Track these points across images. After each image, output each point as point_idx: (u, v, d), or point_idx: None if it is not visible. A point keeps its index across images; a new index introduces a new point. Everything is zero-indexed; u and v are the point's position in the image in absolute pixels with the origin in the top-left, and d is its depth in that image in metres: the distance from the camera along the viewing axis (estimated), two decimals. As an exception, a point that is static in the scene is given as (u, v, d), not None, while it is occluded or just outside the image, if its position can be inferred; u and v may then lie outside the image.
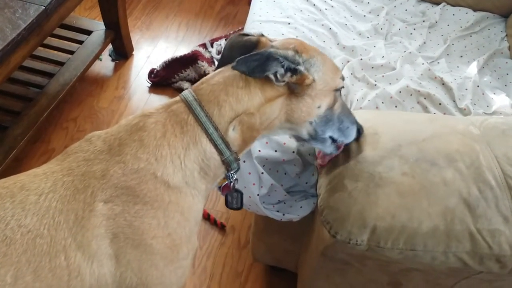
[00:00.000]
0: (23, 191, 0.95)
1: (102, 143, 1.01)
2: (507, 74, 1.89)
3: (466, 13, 2.14)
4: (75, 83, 2.33)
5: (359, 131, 1.21)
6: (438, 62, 1.89)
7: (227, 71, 1.06)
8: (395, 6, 2.15)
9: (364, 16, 2.08)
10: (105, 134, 1.03)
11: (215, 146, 1.03)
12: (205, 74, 2.57)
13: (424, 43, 1.98)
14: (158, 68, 2.65)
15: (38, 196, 0.95)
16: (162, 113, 1.03)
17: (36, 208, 0.94)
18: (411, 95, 1.66)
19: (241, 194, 1.21)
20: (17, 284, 0.90)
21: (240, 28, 2.94)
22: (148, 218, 0.98)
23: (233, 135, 1.05)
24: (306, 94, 1.06)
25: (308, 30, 1.87)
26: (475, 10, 2.16)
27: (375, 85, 1.68)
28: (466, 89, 1.76)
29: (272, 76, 1.01)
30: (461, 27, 2.07)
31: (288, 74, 1.02)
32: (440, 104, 1.66)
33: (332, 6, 2.06)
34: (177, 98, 1.06)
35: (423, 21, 2.08)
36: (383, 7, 2.11)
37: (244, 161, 1.42)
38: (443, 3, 2.19)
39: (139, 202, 0.97)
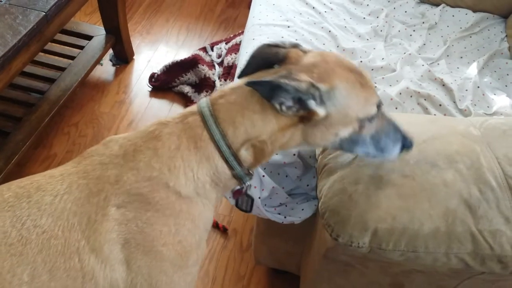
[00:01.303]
0: (39, 191, 0.97)
1: (118, 148, 1.02)
2: (508, 74, 1.89)
3: (466, 14, 2.14)
4: (76, 88, 2.34)
5: (406, 145, 1.12)
6: (438, 63, 1.89)
7: (246, 89, 1.02)
8: (394, 8, 2.15)
9: (364, 18, 2.08)
10: (122, 139, 1.04)
11: (227, 162, 1.03)
12: (205, 77, 2.58)
13: (424, 44, 1.98)
14: (159, 72, 2.66)
15: (53, 197, 0.96)
16: (178, 124, 1.02)
17: (52, 209, 0.95)
18: (411, 96, 1.66)
19: (252, 199, 1.22)
20: (33, 283, 0.93)
21: (240, 31, 2.94)
22: (159, 225, 0.99)
23: (245, 155, 1.04)
24: (320, 123, 1.02)
25: (307, 33, 1.88)
26: (474, 11, 2.15)
27: (375, 87, 1.68)
28: (467, 90, 1.76)
29: (277, 106, 0.98)
30: (461, 28, 2.07)
31: (296, 107, 0.98)
32: (440, 105, 1.66)
33: (331, 9, 2.06)
34: (194, 107, 1.05)
35: (423, 22, 2.08)
36: (382, 9, 2.12)
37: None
38: (443, 4, 2.18)
39: (150, 209, 0.98)
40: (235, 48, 2.69)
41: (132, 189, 0.98)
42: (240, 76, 1.10)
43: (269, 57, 1.06)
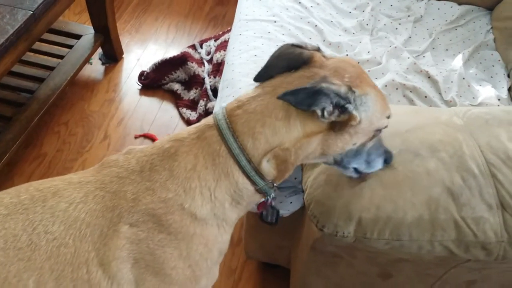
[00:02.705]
0: (55, 197, 0.96)
1: (135, 163, 1.00)
2: (493, 65, 1.91)
3: (451, 7, 2.15)
4: (65, 87, 2.34)
5: (387, 160, 1.13)
6: (424, 56, 1.91)
7: (267, 96, 0.97)
8: (380, 2, 2.17)
9: (350, 12, 2.09)
10: (140, 152, 1.02)
11: (248, 177, 0.99)
12: (194, 75, 2.58)
13: (410, 37, 2.00)
14: (148, 70, 2.66)
15: (68, 205, 0.95)
16: (195, 141, 0.99)
17: (65, 216, 0.94)
18: (397, 89, 1.68)
19: (278, 211, 1.16)
20: None
21: (229, 28, 2.95)
22: (171, 248, 0.97)
23: (267, 167, 0.99)
24: (346, 131, 0.99)
25: (294, 28, 1.89)
26: (459, 4, 2.17)
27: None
28: (452, 82, 1.78)
29: (319, 112, 0.92)
30: (446, 20, 2.09)
31: (336, 112, 0.93)
32: (426, 97, 1.68)
33: (317, 4, 2.07)
34: (211, 119, 1.01)
35: (408, 16, 2.09)
36: (368, 3, 2.13)
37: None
38: (428, -3, 2.21)
39: (163, 231, 0.96)
40: (224, 45, 2.69)
41: (147, 209, 0.96)
42: (257, 79, 1.03)
43: (293, 57, 1.01)
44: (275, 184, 1.04)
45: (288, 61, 1.01)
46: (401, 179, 1.13)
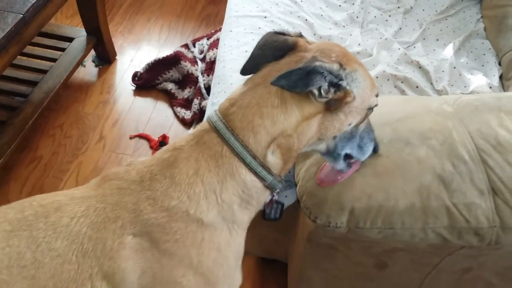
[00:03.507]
0: (58, 212, 0.95)
1: (136, 173, 0.98)
2: (484, 54, 1.91)
3: (441, -3, 2.16)
4: (59, 90, 2.34)
5: (375, 149, 1.13)
6: (415, 47, 1.91)
7: (259, 87, 0.96)
8: (370, -6, 2.17)
9: (340, 6, 2.10)
10: (140, 164, 1.01)
11: (256, 174, 0.96)
12: (188, 74, 2.59)
13: (400, 29, 2.00)
14: (142, 71, 2.66)
15: (70, 219, 0.94)
16: (194, 147, 0.97)
17: (67, 231, 0.93)
18: (388, 80, 1.68)
19: (282, 204, 1.14)
20: None
21: (221, 27, 2.95)
22: (179, 256, 0.95)
23: (273, 159, 0.97)
24: (342, 111, 0.98)
25: (284, 23, 1.89)
26: (449, -6, 2.18)
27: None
28: (443, 71, 1.78)
29: (315, 91, 0.91)
30: (436, 11, 2.10)
31: (332, 90, 0.92)
32: (417, 87, 1.68)
33: (307, -2, 2.08)
34: (206, 124, 0.99)
35: (398, 7, 2.10)
36: (358, -4, 2.14)
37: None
38: (418, -12, 2.21)
39: (170, 240, 0.94)
40: (217, 44, 2.67)
41: (149, 219, 0.94)
42: (244, 72, 1.02)
43: (277, 45, 0.99)
44: (282, 178, 1.02)
45: (273, 49, 0.99)
46: (392, 168, 1.14)
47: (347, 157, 1.09)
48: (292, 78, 0.89)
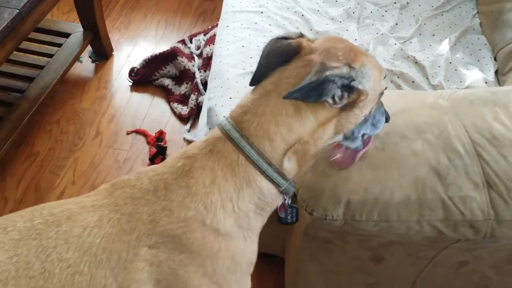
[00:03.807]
0: (69, 221, 0.92)
1: (148, 182, 0.96)
2: (480, 49, 1.92)
3: (437, -8, 2.17)
4: (55, 85, 2.34)
5: (387, 119, 1.13)
6: (411, 42, 1.92)
7: (271, 95, 0.95)
8: (366, -10, 2.17)
9: (336, 1, 2.10)
10: (151, 171, 0.99)
11: (271, 180, 0.96)
12: (185, 69, 2.59)
13: (396, 24, 2.01)
14: (138, 67, 2.66)
15: (82, 230, 0.91)
16: (208, 155, 0.95)
17: (79, 242, 0.90)
18: (384, 74, 1.69)
19: (297, 208, 1.13)
20: None
21: (218, 23, 2.95)
22: (194, 266, 0.94)
23: (289, 165, 0.97)
24: (356, 107, 0.98)
25: (281, 18, 1.90)
26: (445, -11, 2.18)
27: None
28: (439, 66, 1.79)
29: (330, 100, 0.91)
30: (432, 6, 2.10)
31: (346, 94, 0.93)
32: (413, 82, 1.69)
33: (304, -7, 2.08)
34: (218, 132, 0.98)
35: (394, 2, 2.10)
36: (354, -9, 2.14)
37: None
38: (414, -16, 2.21)
39: (185, 251, 0.93)
40: (214, 39, 2.69)
41: (165, 230, 0.92)
42: (252, 83, 1.01)
43: (282, 51, 0.98)
44: (294, 182, 1.02)
45: (278, 56, 0.98)
46: (388, 161, 1.14)
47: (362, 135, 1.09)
48: (305, 91, 0.89)
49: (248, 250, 1.01)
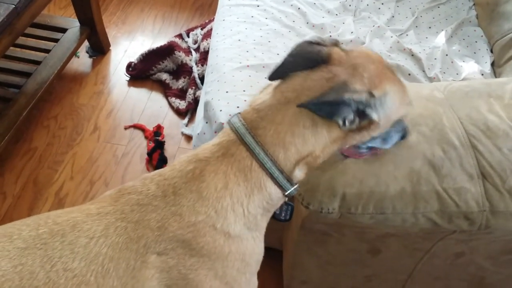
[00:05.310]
0: (74, 231, 0.91)
1: (156, 187, 0.95)
2: (476, 41, 1.92)
3: (433, -16, 2.16)
4: (53, 81, 2.34)
5: (404, 136, 1.11)
6: (407, 35, 1.92)
7: (290, 105, 0.94)
8: (362, -17, 2.17)
9: (332, -6, 2.10)
10: (158, 176, 0.97)
11: (280, 186, 0.96)
12: (182, 64, 2.59)
13: (393, 16, 2.01)
14: (136, 61, 2.66)
15: (89, 239, 0.90)
16: (221, 159, 0.95)
17: (85, 252, 0.89)
18: (380, 67, 1.69)
19: (292, 207, 1.14)
20: None
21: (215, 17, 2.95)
22: (205, 270, 0.94)
23: (299, 174, 0.98)
24: (365, 130, 0.97)
25: (277, 11, 1.90)
26: (442, -19, 2.18)
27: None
28: (435, 59, 1.79)
29: (340, 122, 0.91)
30: (429, -2, 2.10)
31: (357, 120, 0.92)
32: (409, 74, 1.69)
33: (300, -14, 2.08)
34: (231, 134, 0.97)
35: (391, -5, 2.10)
36: (351, -16, 2.13)
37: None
38: (411, -23, 2.21)
39: (195, 255, 0.93)
40: (211, 33, 2.69)
41: (175, 236, 0.91)
42: (272, 78, 0.99)
43: (311, 56, 0.97)
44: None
45: (305, 60, 0.97)
46: (383, 154, 1.15)
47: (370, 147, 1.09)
48: (319, 104, 0.90)
49: (256, 250, 1.02)
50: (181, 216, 0.92)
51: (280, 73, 0.98)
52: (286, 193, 0.99)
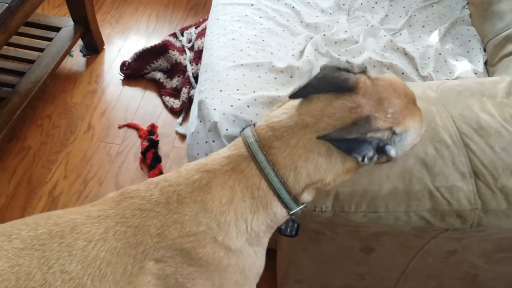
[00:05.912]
0: (73, 233, 0.91)
1: (159, 193, 0.95)
2: (469, 40, 1.93)
3: (427, -16, 2.17)
4: (46, 80, 2.34)
5: None
6: (401, 34, 1.92)
7: (308, 131, 0.93)
8: (356, -18, 2.17)
9: (326, -7, 2.10)
10: (163, 182, 0.97)
11: (286, 206, 0.97)
12: (176, 63, 2.59)
13: (386, 16, 2.01)
14: (130, 60, 2.66)
15: (87, 242, 0.90)
16: (229, 173, 0.95)
17: (83, 255, 0.89)
18: (374, 66, 1.69)
19: (299, 224, 1.13)
20: None
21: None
22: (202, 280, 0.94)
23: (307, 197, 0.99)
24: (380, 163, 0.99)
25: (271, 10, 1.90)
26: (435, -19, 2.19)
27: (339, 59, 1.71)
28: (429, 58, 1.79)
29: (359, 159, 0.92)
30: (422, -2, 2.11)
31: (376, 157, 0.93)
32: (403, 73, 1.69)
33: (294, -14, 2.08)
34: (243, 148, 0.97)
35: (385, -6, 2.11)
36: (345, -17, 2.14)
37: (213, 141, 1.45)
38: (404, -24, 2.21)
39: (193, 265, 0.93)
40: (205, 32, 2.69)
41: (174, 244, 0.91)
42: (293, 96, 0.98)
43: (337, 83, 0.95)
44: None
45: (331, 85, 0.95)
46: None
47: None
48: (339, 139, 0.90)
49: (257, 264, 1.02)
50: (182, 225, 0.92)
51: (302, 95, 0.97)
52: (292, 212, 0.99)
